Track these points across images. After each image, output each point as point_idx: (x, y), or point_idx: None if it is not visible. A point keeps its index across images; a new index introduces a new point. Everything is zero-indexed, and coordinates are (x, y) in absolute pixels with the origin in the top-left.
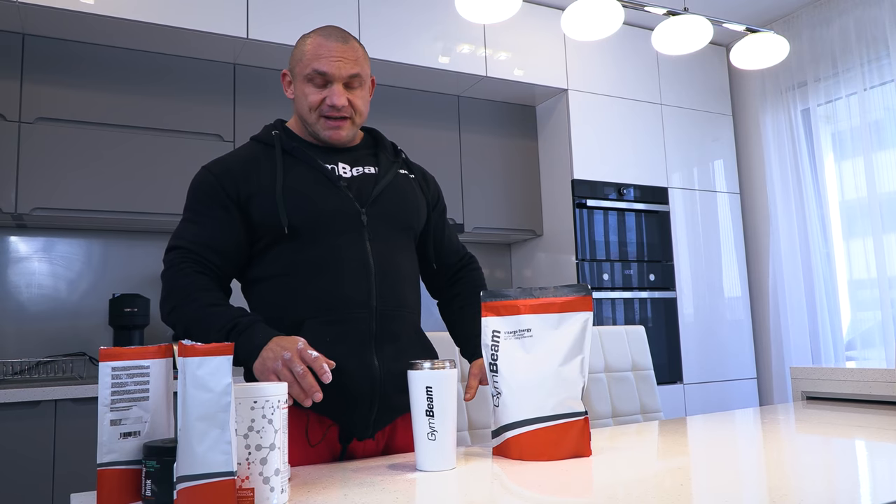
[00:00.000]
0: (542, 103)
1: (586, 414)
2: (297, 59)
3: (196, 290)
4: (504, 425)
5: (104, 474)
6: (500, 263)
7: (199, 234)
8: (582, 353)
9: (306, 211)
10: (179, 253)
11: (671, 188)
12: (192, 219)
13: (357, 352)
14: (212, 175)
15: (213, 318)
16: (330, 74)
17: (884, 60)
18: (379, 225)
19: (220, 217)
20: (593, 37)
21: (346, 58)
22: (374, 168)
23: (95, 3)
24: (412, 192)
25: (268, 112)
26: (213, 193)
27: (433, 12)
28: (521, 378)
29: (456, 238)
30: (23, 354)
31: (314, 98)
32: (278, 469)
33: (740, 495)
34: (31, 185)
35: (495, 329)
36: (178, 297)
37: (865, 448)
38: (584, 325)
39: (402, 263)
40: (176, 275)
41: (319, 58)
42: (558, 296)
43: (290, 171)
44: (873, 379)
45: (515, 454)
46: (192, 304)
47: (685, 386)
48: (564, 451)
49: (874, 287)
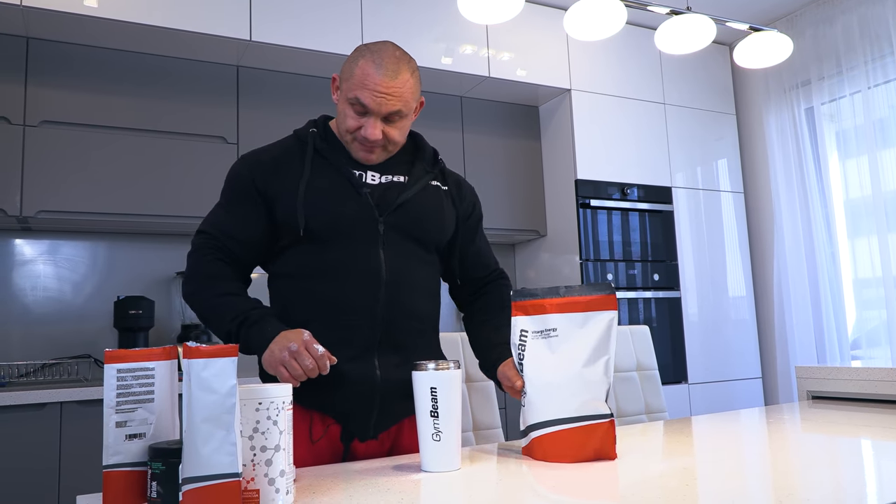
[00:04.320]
0: (546, 103)
1: (612, 416)
2: (346, 77)
3: (215, 278)
4: (530, 425)
5: (110, 476)
6: (504, 264)
7: (226, 223)
8: (607, 353)
9: (324, 215)
10: (205, 238)
11: (675, 188)
12: (222, 205)
13: (358, 357)
14: (245, 168)
15: (227, 306)
16: (370, 109)
17: (888, 58)
18: (396, 234)
19: (247, 209)
20: (596, 36)
21: (389, 94)
22: (404, 177)
23: (99, 7)
24: (438, 205)
25: (271, 114)
26: (244, 186)
27: (435, 13)
28: (547, 378)
29: (488, 252)
30: (28, 357)
31: (352, 123)
32: (283, 470)
33: (746, 495)
34: (35, 188)
35: (523, 328)
36: (197, 281)
37: (871, 447)
38: (608, 324)
39: (418, 274)
40: (200, 259)
41: (364, 88)
42: (583, 294)
43: (317, 172)
44: (879, 378)
45: (540, 455)
46: (209, 291)
47: (690, 386)
48: (588, 453)
49: (879, 286)
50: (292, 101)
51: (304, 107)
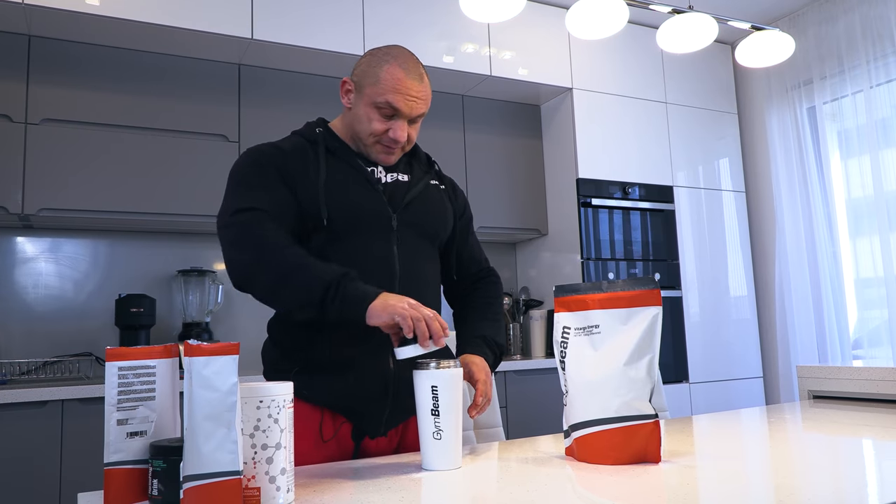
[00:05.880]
0: (547, 102)
1: (656, 417)
2: (371, 82)
3: (292, 244)
4: (572, 425)
5: (111, 473)
6: (505, 263)
7: (271, 201)
8: (651, 351)
9: (345, 206)
10: (257, 214)
11: (676, 187)
12: (254, 186)
13: (373, 352)
14: (265, 155)
15: (320, 266)
16: (402, 112)
17: (890, 58)
18: (407, 231)
19: (281, 192)
20: (598, 35)
21: (419, 98)
22: (406, 176)
23: (101, 5)
24: (441, 203)
25: (273, 112)
26: (272, 170)
27: (437, 11)
28: (588, 376)
29: (479, 250)
30: (30, 355)
31: (378, 126)
32: (284, 468)
33: (747, 495)
34: (37, 186)
35: (566, 325)
36: (271, 248)
37: (873, 447)
38: (653, 320)
39: (426, 270)
40: (264, 231)
41: (397, 93)
42: (626, 289)
43: (332, 167)
44: (880, 377)
45: (580, 456)
46: (289, 251)
47: (691, 385)
48: (630, 455)
49: (881, 285)
50: (294, 99)
51: (306, 105)
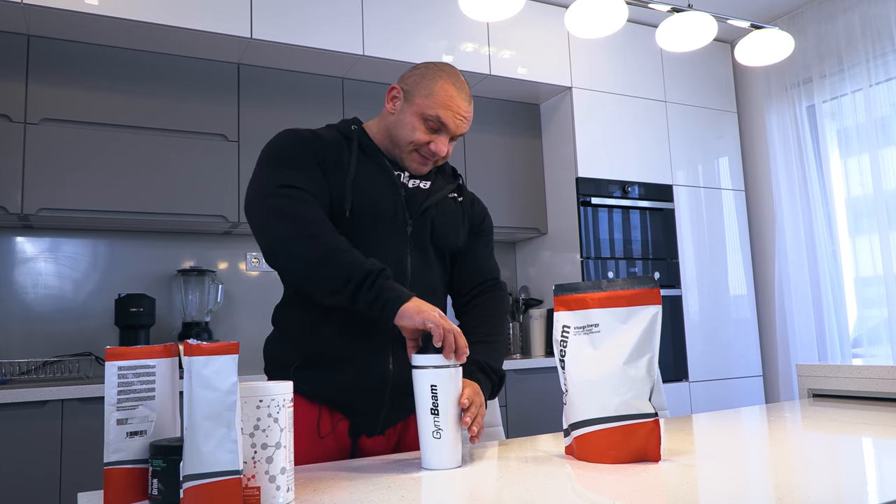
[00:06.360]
0: (546, 101)
1: (656, 416)
2: (423, 93)
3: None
4: (571, 424)
5: (111, 473)
6: (505, 262)
7: (314, 184)
8: (651, 350)
9: (367, 202)
10: (302, 193)
11: (676, 186)
12: (291, 167)
13: (375, 351)
14: (302, 137)
15: (361, 256)
16: (448, 128)
17: (889, 56)
18: (419, 237)
19: (319, 176)
20: (597, 34)
21: (466, 118)
22: (428, 184)
23: (100, 4)
24: (456, 215)
25: (272, 111)
26: (309, 152)
27: (436, 10)
28: (587, 375)
29: (486, 261)
30: (29, 354)
31: (421, 137)
32: (284, 467)
33: (747, 493)
34: (36, 185)
35: (565, 324)
36: (319, 227)
37: (872, 445)
38: (652, 319)
39: (434, 277)
40: (312, 210)
41: (447, 109)
42: (626, 288)
43: (363, 164)
44: (880, 376)
45: (580, 454)
46: (335, 235)
47: (691, 384)
48: (630, 453)
49: (880, 284)
50: (293, 98)
51: (305, 104)
